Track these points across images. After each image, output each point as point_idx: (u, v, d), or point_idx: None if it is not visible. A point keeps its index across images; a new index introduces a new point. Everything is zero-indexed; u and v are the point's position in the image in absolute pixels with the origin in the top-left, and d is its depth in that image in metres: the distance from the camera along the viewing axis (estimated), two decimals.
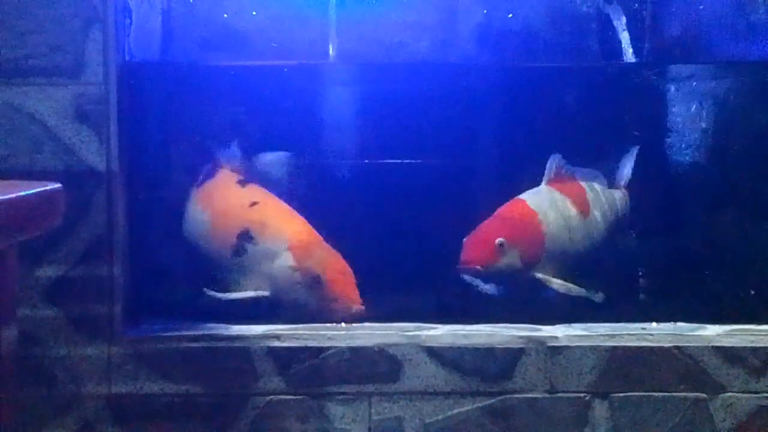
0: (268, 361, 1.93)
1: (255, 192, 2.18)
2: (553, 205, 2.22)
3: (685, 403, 1.95)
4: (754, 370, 1.95)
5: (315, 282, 2.06)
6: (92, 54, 1.89)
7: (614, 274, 2.26)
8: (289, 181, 2.27)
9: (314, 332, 1.98)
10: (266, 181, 2.22)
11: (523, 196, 2.23)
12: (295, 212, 2.16)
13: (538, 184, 2.26)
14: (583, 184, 2.29)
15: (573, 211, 2.23)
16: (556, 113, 2.32)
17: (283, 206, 2.17)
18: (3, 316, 1.27)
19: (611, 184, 2.36)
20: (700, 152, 2.34)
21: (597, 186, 2.31)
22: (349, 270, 2.09)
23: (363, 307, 2.05)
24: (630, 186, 2.36)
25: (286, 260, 2.08)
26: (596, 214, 2.26)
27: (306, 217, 2.16)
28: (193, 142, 2.25)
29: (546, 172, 2.25)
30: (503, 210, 2.21)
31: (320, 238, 2.13)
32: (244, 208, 2.15)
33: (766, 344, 1.97)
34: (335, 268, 2.08)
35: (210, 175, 2.22)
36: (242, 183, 2.20)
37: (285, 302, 2.08)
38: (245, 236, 2.11)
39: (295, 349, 1.94)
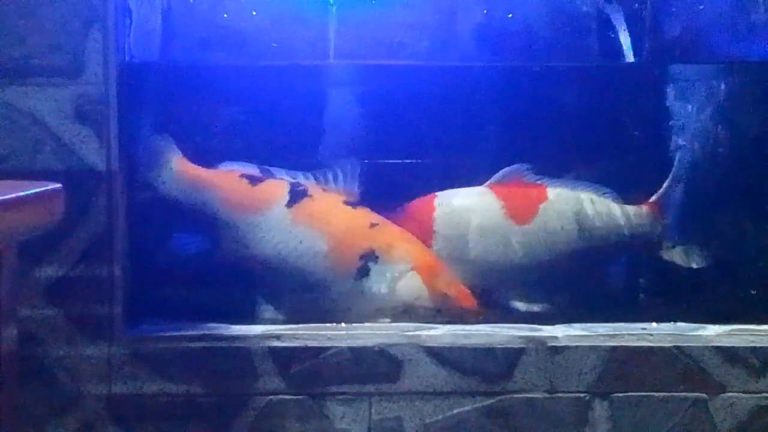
0: (268, 361, 1.93)
1: (368, 214, 2.16)
2: (470, 206, 2.20)
3: (685, 403, 1.95)
4: (754, 370, 1.96)
5: (443, 300, 2.10)
6: (92, 54, 1.89)
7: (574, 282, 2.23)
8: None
9: (314, 332, 1.98)
10: None
11: (443, 192, 2.23)
12: (409, 233, 2.17)
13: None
14: (550, 193, 2.20)
15: (500, 215, 2.18)
16: (557, 114, 2.32)
17: (399, 227, 2.17)
18: (3, 316, 1.27)
19: (631, 198, 2.25)
20: (699, 152, 2.34)
21: (574, 197, 2.21)
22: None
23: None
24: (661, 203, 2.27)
25: (413, 280, 2.10)
26: (548, 224, 2.18)
27: None
28: (193, 141, 2.25)
29: (498, 174, 2.22)
30: (411, 202, 2.22)
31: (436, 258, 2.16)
32: (366, 229, 2.14)
33: (766, 344, 1.97)
34: (459, 286, 2.12)
35: (303, 195, 2.15)
36: (351, 204, 2.16)
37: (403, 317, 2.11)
38: (370, 257, 2.10)
39: (295, 349, 1.94)
